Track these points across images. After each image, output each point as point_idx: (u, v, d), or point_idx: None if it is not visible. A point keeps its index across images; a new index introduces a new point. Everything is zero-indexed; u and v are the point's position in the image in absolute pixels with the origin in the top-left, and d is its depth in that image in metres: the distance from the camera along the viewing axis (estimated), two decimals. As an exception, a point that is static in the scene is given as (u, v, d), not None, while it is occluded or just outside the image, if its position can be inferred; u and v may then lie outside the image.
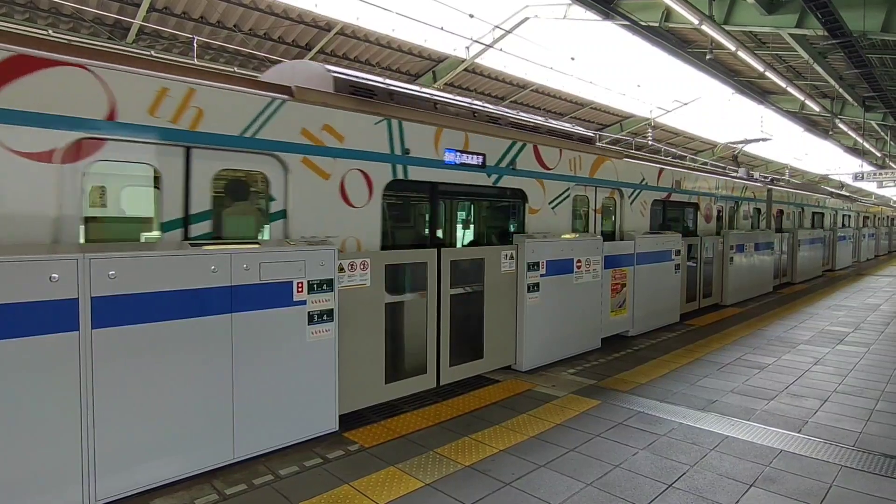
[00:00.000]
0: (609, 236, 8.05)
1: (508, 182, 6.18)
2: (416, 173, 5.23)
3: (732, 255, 11.03)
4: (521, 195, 6.44)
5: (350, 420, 4.56)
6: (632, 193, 8.36)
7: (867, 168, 28.35)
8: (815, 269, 16.67)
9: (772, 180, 16.25)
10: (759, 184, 13.88)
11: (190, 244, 3.65)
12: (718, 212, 11.48)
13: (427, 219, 5.88)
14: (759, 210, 13.72)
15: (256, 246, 3.87)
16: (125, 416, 3.25)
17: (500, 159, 6.05)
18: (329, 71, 4.98)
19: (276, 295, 3.92)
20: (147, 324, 3.31)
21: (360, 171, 4.78)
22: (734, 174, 13.85)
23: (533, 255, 6.13)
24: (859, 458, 4.00)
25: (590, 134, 8.22)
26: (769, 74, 13.37)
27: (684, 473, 3.73)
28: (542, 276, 6.26)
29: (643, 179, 8.60)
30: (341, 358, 4.36)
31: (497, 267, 5.89)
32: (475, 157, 5.75)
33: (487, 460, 3.91)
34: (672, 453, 4.05)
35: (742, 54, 12.01)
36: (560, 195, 6.90)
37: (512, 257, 6.04)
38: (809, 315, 10.02)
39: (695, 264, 10.05)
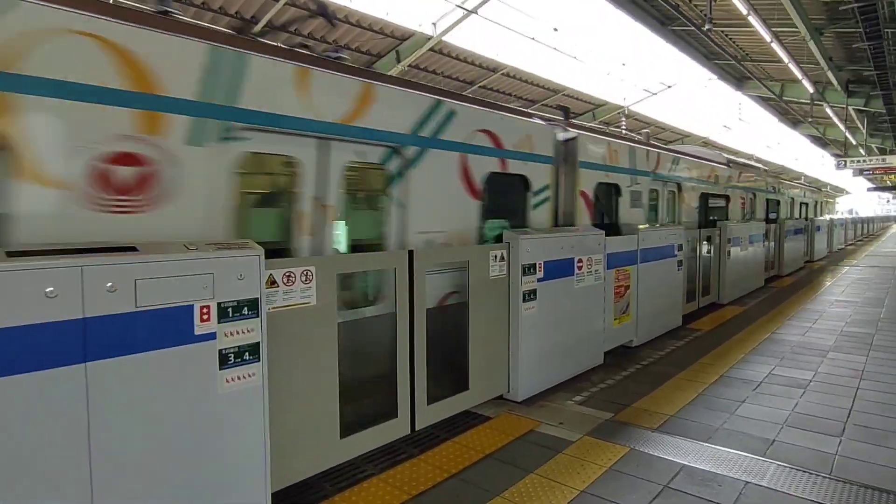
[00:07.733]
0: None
1: None
2: None
3: (730, 248, 10.08)
4: None
5: (290, 497, 3.22)
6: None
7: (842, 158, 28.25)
8: (799, 261, 16.08)
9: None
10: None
11: (7, 253, 2.24)
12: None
13: None
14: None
15: (132, 253, 2.48)
16: None
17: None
18: None
19: (163, 328, 2.53)
20: None
21: None
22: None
23: (528, 256, 4.89)
24: None
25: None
26: (774, 47, 12.57)
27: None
28: (539, 280, 5.02)
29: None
30: (274, 410, 3.00)
31: (484, 272, 4.63)
32: None
33: (492, 567, 2.63)
34: (750, 537, 2.86)
35: (752, 20, 11.04)
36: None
37: (503, 259, 4.78)
38: (816, 313, 9.11)
39: (694, 257, 9.04)
